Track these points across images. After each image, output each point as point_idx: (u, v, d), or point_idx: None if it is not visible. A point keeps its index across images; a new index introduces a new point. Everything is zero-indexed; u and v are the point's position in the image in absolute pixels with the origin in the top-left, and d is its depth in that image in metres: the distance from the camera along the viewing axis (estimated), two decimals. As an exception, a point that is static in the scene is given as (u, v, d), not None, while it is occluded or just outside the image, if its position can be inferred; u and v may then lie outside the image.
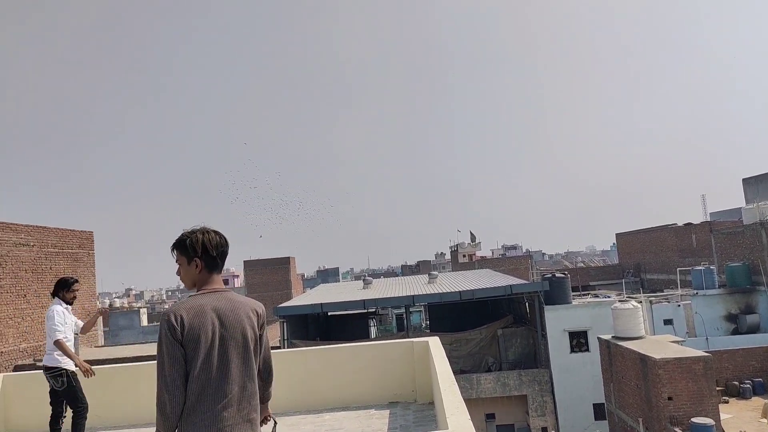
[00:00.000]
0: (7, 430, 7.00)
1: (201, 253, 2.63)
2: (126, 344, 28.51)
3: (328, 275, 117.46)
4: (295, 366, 7.13)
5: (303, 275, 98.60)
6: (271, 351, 2.95)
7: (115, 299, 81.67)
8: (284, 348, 25.23)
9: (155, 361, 2.49)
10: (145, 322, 54.79)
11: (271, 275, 61.93)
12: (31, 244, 20.69)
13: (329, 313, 35.02)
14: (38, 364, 17.67)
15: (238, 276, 76.73)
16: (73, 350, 5.94)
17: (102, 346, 26.90)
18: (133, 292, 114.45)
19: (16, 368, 17.71)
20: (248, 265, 63.49)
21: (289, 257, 63.87)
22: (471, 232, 70.96)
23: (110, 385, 7.00)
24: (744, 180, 38.26)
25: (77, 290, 6.50)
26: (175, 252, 2.69)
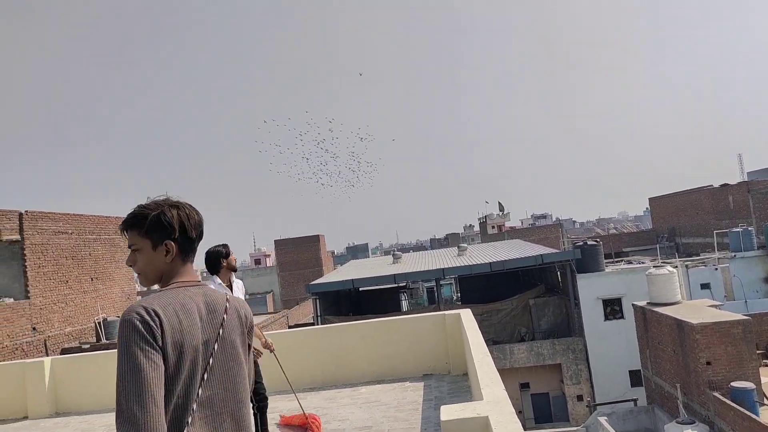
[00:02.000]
0: (57, 410, 7.32)
1: (177, 234, 1.85)
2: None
3: (357, 251, 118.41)
4: (330, 341, 7.24)
5: (333, 252, 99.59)
6: (307, 327, 2.71)
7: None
8: (318, 324, 25.64)
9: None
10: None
11: (301, 253, 62.61)
12: (70, 231, 21.34)
13: (360, 289, 35.37)
14: (84, 347, 18.38)
15: (269, 255, 77.86)
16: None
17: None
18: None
19: (63, 351, 18.46)
20: (279, 244, 64.29)
21: (318, 235, 64.42)
22: (499, 203, 70.36)
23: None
24: (784, 137, 36.73)
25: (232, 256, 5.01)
26: (128, 233, 1.87)
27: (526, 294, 28.62)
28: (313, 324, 33.06)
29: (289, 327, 27.41)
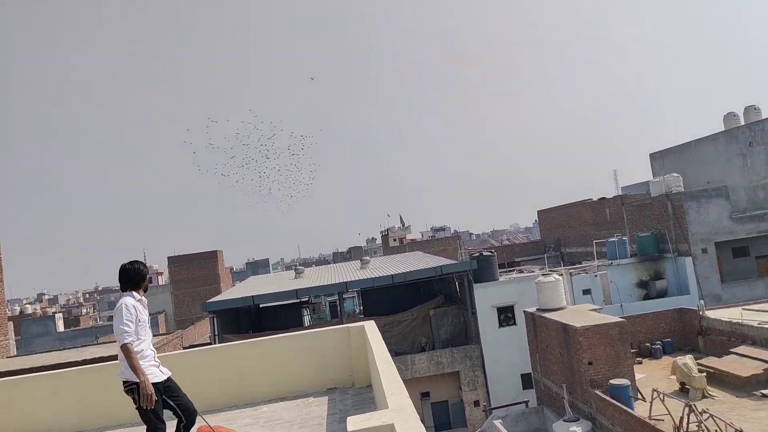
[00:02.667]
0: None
1: None
2: (41, 352, 26.71)
3: (258, 267, 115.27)
4: (229, 360, 6.98)
5: (232, 268, 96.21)
6: (204, 347, 2.75)
7: (27, 305, 76.25)
8: (215, 344, 24.58)
9: (77, 368, 2.26)
10: (61, 327, 51.51)
11: (197, 270, 59.98)
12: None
13: (261, 306, 34.46)
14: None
15: (162, 273, 73.65)
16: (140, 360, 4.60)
17: (14, 357, 25.07)
18: (46, 296, 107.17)
19: None
20: (172, 261, 61.13)
21: (216, 251, 62.10)
22: (400, 216, 72.02)
23: (29, 397, 6.56)
24: (651, 155, 41.01)
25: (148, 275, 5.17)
26: None
27: (426, 305, 29.39)
28: (209, 344, 31.60)
29: (184, 348, 26.05)
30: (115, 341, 4.74)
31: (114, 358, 6.60)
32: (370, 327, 6.56)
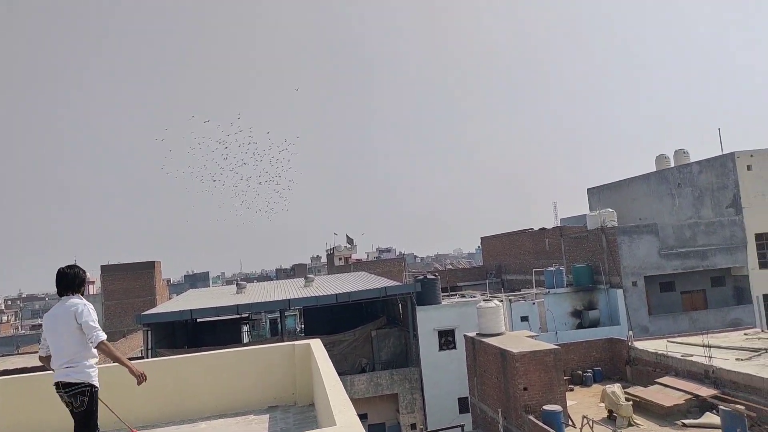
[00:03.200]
0: None
1: None
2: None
3: (197, 280, 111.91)
4: (168, 375, 6.80)
5: (169, 281, 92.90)
6: (140, 360, 2.75)
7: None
8: (148, 358, 23.63)
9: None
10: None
11: (133, 281, 57.57)
12: None
13: (198, 320, 33.43)
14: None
15: (93, 282, 70.23)
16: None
17: None
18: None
19: None
20: (106, 270, 58.45)
21: (154, 261, 59.85)
22: (347, 236, 71.84)
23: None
24: (588, 190, 43.02)
25: None
26: None
27: (368, 326, 29.37)
28: (141, 358, 30.30)
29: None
30: (36, 351, 4.82)
31: (40, 369, 6.30)
32: (316, 345, 6.58)
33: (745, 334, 23.16)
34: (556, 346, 18.68)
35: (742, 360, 18.47)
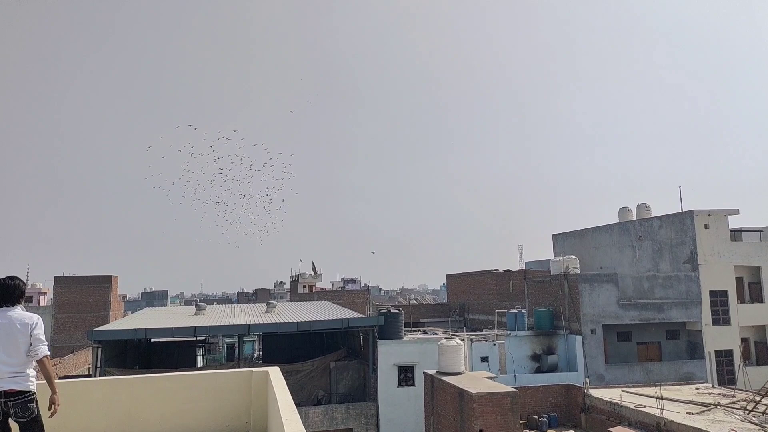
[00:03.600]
0: None
1: None
2: None
3: (154, 298, 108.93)
4: (116, 395, 6.57)
5: (125, 297, 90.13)
6: (87, 379, 2.65)
7: None
8: (96, 376, 22.72)
9: None
10: None
11: (87, 295, 55.71)
12: None
13: (152, 340, 32.43)
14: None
15: (45, 293, 67.58)
16: None
17: None
18: None
19: None
20: (60, 281, 56.44)
21: (111, 276, 58.13)
22: (313, 263, 71.21)
23: None
24: (554, 235, 43.94)
25: None
26: None
27: (327, 356, 28.95)
28: (89, 376, 29.12)
29: (59, 378, 23.79)
30: None
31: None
32: (275, 373, 6.47)
33: (696, 389, 23.68)
34: (514, 389, 18.74)
35: (692, 414, 18.84)
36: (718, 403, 20.29)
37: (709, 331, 30.28)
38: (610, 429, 19.43)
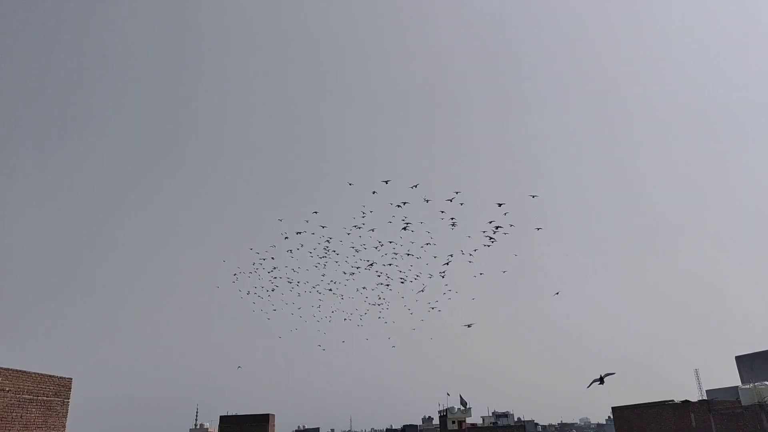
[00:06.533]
0: None
1: None
2: None
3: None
4: None
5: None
6: None
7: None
8: None
9: None
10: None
11: (248, 434, 57.88)
12: (7, 389, 19.78)
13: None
14: None
15: (211, 432, 71.57)
16: None
17: None
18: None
19: None
20: (224, 421, 59.66)
21: (269, 414, 60.32)
22: (461, 396, 68.12)
23: None
24: (737, 357, 38.08)
25: None
26: None
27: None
28: None
29: None
30: None
31: None
32: None
33: None
34: None
35: None
36: None
37: None
38: None
